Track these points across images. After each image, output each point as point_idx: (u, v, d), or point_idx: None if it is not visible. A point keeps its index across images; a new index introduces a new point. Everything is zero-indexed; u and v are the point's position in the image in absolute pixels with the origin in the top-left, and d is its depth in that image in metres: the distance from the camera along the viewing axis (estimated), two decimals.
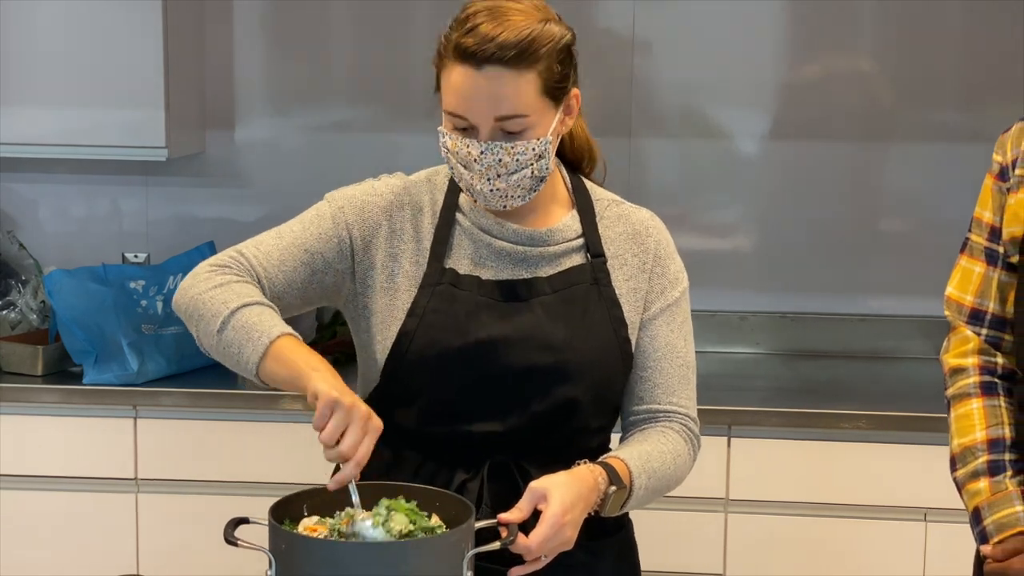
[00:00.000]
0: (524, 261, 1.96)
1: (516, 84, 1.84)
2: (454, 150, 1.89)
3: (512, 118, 1.85)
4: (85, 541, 3.14)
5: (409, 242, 1.97)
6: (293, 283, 1.95)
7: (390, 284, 1.96)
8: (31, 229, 3.69)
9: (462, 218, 1.98)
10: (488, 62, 1.82)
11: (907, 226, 3.61)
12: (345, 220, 1.99)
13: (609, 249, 1.99)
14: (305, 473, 2.98)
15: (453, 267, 1.95)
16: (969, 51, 3.54)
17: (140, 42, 3.30)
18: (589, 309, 1.95)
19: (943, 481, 2.98)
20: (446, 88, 1.88)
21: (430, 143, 3.60)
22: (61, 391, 3.15)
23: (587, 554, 1.92)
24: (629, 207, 2.05)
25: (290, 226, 2.01)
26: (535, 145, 1.88)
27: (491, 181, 1.89)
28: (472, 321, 1.91)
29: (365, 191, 2.02)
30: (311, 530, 1.79)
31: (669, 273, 2.01)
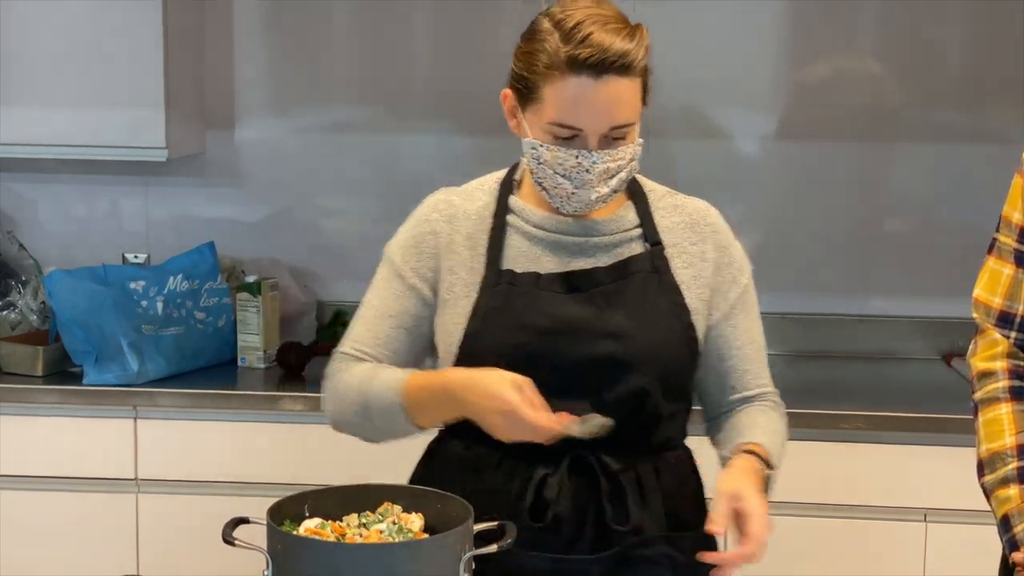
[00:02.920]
0: (582, 252, 1.98)
1: (630, 92, 1.88)
2: (554, 161, 1.90)
3: (624, 126, 1.89)
4: (85, 541, 3.14)
5: (463, 251, 2.00)
6: (398, 351, 2.02)
7: (450, 295, 1.99)
8: (31, 229, 3.69)
9: (513, 219, 2.01)
10: (607, 71, 1.84)
11: (908, 227, 3.60)
12: (409, 268, 2.03)
13: (666, 237, 2.01)
14: (305, 473, 2.98)
15: (510, 268, 1.97)
16: (973, 51, 3.54)
17: (140, 42, 3.30)
18: (650, 296, 1.97)
19: (943, 481, 3.00)
20: (553, 100, 1.87)
21: (430, 143, 3.65)
22: (61, 391, 3.15)
23: (668, 545, 1.94)
24: (683, 197, 2.08)
25: (368, 301, 2.08)
26: (631, 150, 1.92)
27: (596, 188, 1.91)
28: (534, 314, 1.93)
29: (412, 226, 2.07)
30: (312, 532, 1.79)
31: (735, 262, 2.05)
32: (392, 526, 1.79)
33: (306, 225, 3.70)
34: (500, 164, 2.11)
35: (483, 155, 3.62)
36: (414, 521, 1.83)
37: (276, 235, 3.69)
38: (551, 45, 1.87)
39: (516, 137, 2.04)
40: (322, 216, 3.70)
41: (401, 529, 1.79)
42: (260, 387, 3.22)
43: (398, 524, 1.81)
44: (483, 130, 3.61)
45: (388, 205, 3.69)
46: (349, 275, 3.70)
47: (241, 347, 3.36)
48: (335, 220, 3.70)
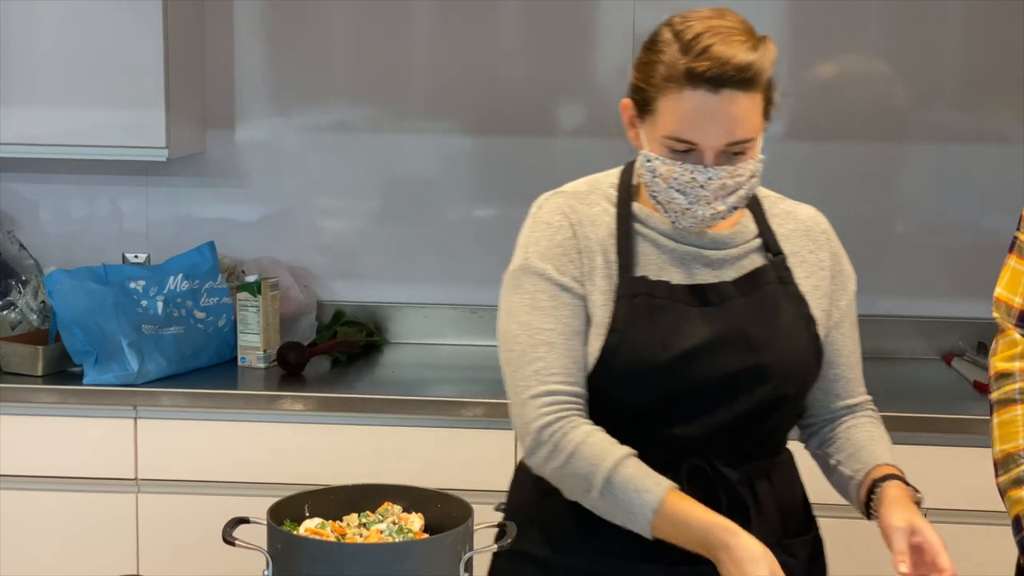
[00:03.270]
0: (709, 265, 1.94)
1: (750, 107, 1.81)
2: (669, 175, 1.84)
3: (743, 142, 1.82)
4: (85, 541, 3.14)
5: (597, 257, 1.93)
6: (587, 367, 1.91)
7: (588, 302, 1.92)
8: (31, 229, 3.69)
9: (640, 227, 1.95)
10: (726, 85, 1.78)
11: (908, 226, 3.60)
12: (569, 277, 1.92)
13: (785, 246, 1.99)
14: (305, 473, 2.98)
15: (643, 275, 1.92)
16: (975, 52, 3.54)
17: (140, 42, 3.30)
18: (780, 308, 1.94)
19: (943, 481, 2.99)
20: (670, 113, 1.81)
21: (430, 143, 3.65)
22: (61, 391, 3.15)
23: (782, 553, 1.91)
24: (792, 203, 2.05)
25: (541, 325, 1.90)
26: (752, 166, 1.86)
27: (711, 205, 1.85)
28: (674, 332, 1.88)
29: (547, 234, 1.95)
30: (312, 532, 1.79)
31: (845, 270, 2.05)
32: (392, 526, 1.79)
33: (306, 225, 3.70)
34: (499, 164, 2.10)
35: (483, 155, 3.63)
36: (414, 521, 1.83)
37: (276, 235, 3.69)
38: (669, 56, 1.82)
39: (517, 137, 2.04)
40: (322, 216, 3.70)
41: (401, 529, 1.79)
42: (260, 387, 3.22)
43: (398, 524, 1.81)
44: (483, 130, 3.62)
45: (388, 205, 3.69)
46: (349, 275, 3.71)
47: (241, 347, 3.36)
48: (335, 220, 3.70)
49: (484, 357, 3.55)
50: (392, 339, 3.67)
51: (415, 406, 3.08)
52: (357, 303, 3.69)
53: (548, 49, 3.59)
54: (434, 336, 3.66)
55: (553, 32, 3.58)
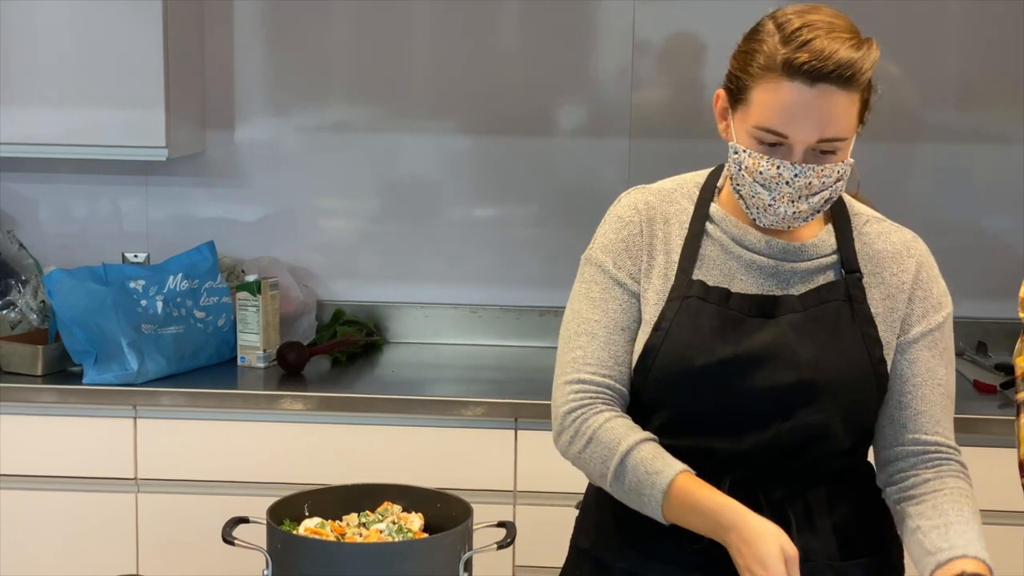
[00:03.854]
0: (775, 275, 1.89)
1: (846, 105, 1.78)
2: (755, 168, 1.81)
3: (833, 140, 1.79)
4: (85, 541, 3.14)
5: (659, 255, 1.91)
6: (630, 364, 1.90)
7: (641, 299, 1.91)
8: (31, 229, 3.69)
9: (713, 228, 1.92)
10: (823, 80, 1.75)
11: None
12: (626, 273, 1.92)
13: (866, 266, 1.92)
14: (305, 473, 2.98)
15: (701, 279, 1.89)
16: (975, 52, 3.54)
17: (140, 42, 3.30)
18: (840, 327, 1.87)
19: None
20: (762, 103, 1.79)
21: (430, 143, 3.65)
22: (61, 391, 3.15)
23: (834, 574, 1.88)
24: (890, 225, 1.98)
25: (585, 315, 1.91)
26: (840, 168, 1.83)
27: (795, 203, 1.82)
28: (717, 338, 1.85)
29: (617, 227, 1.94)
30: (312, 532, 1.79)
31: (932, 297, 1.94)
32: (392, 526, 1.79)
33: (306, 225, 3.70)
34: (499, 164, 2.09)
35: (483, 155, 3.63)
36: (414, 521, 1.83)
37: (276, 235, 3.69)
38: (769, 46, 1.79)
39: (517, 137, 2.03)
40: (322, 216, 3.70)
41: (401, 529, 1.79)
42: (260, 387, 3.22)
43: (398, 524, 1.81)
44: (483, 130, 3.62)
45: (388, 205, 3.69)
46: (349, 275, 3.71)
47: (241, 347, 3.36)
48: (335, 220, 3.70)
49: (484, 357, 3.55)
50: (392, 339, 3.67)
51: (415, 406, 3.08)
52: (357, 303, 3.69)
53: (548, 49, 3.59)
54: (434, 336, 3.66)
55: (553, 32, 3.58)
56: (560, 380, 1.90)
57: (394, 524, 1.80)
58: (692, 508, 1.78)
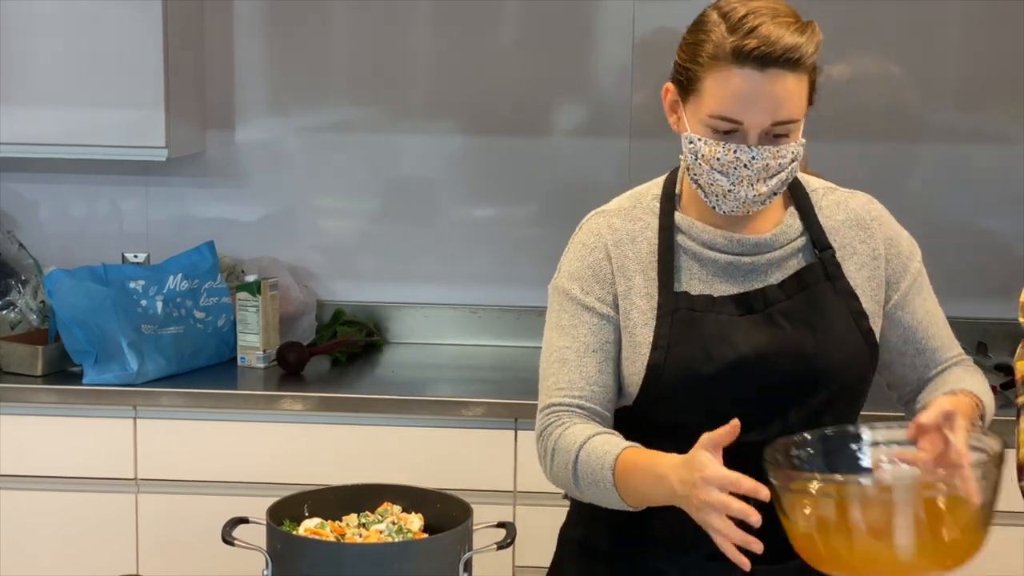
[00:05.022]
0: (753, 271, 1.93)
1: (795, 87, 1.82)
2: (712, 156, 1.84)
3: (786, 123, 1.83)
4: (85, 541, 3.14)
5: (635, 276, 1.93)
6: (608, 384, 1.92)
7: (627, 323, 1.92)
8: (31, 229, 3.69)
9: (682, 239, 1.94)
10: (772, 64, 1.79)
11: (907, 226, 3.59)
12: (594, 297, 1.93)
13: (835, 240, 1.97)
14: (305, 473, 2.98)
15: (685, 291, 1.92)
16: (975, 52, 3.54)
17: (140, 42, 3.30)
18: (828, 308, 1.92)
19: None
20: (715, 92, 1.82)
21: (430, 143, 3.65)
22: (61, 391, 3.15)
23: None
24: (844, 193, 2.03)
25: (556, 344, 1.94)
26: (793, 149, 1.86)
27: (753, 186, 1.85)
28: (719, 345, 1.87)
29: (581, 255, 1.96)
30: (312, 532, 1.79)
31: (903, 250, 2.02)
32: (392, 526, 1.79)
33: (306, 225, 3.70)
34: (499, 164, 2.10)
35: (483, 155, 3.63)
36: (414, 521, 1.83)
37: (276, 235, 3.69)
38: (717, 35, 1.83)
39: (517, 137, 2.04)
40: (322, 216, 3.70)
41: (401, 529, 1.79)
42: (260, 387, 3.22)
43: (398, 524, 1.81)
44: (483, 130, 3.61)
45: (388, 205, 3.69)
46: (349, 275, 3.71)
47: (241, 347, 3.36)
48: (335, 220, 3.70)
49: (484, 357, 3.55)
50: (392, 339, 3.67)
51: (415, 406, 3.08)
52: (357, 303, 3.69)
53: (548, 49, 3.59)
54: (434, 336, 3.66)
55: (553, 32, 3.58)
56: (538, 408, 1.93)
57: (394, 524, 1.80)
58: (636, 474, 1.79)
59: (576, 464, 1.84)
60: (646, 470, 1.77)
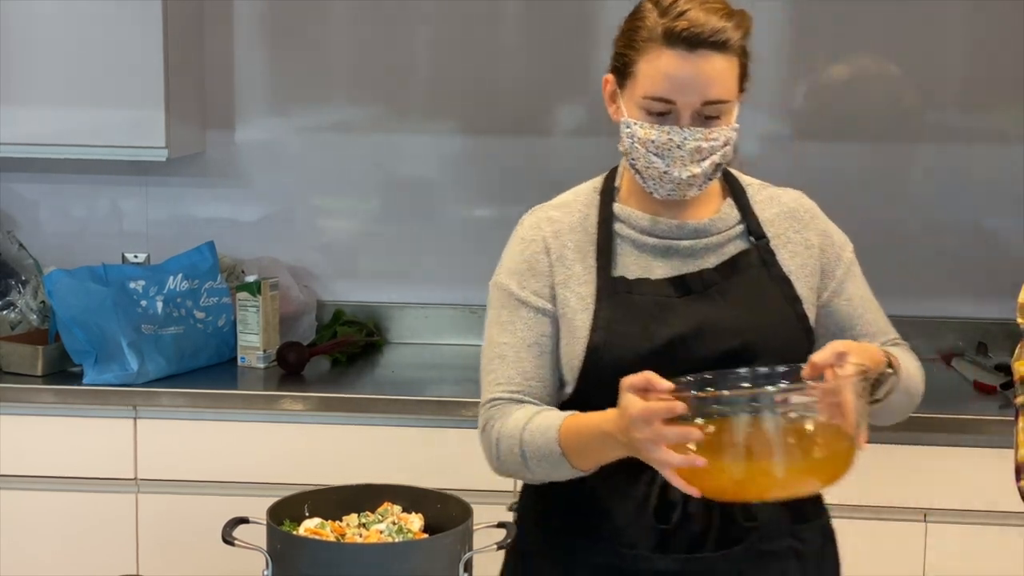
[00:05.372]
0: (691, 255, 1.99)
1: (725, 69, 1.90)
2: (647, 138, 1.91)
3: (717, 103, 1.90)
4: (85, 541, 3.14)
5: (574, 265, 1.99)
6: (546, 378, 1.98)
7: (566, 309, 1.97)
8: (31, 229, 3.69)
9: (620, 227, 2.01)
10: (701, 45, 1.87)
11: (908, 226, 3.60)
12: (530, 292, 1.99)
13: (769, 230, 2.03)
14: (305, 473, 2.98)
15: (622, 275, 1.97)
16: (975, 52, 3.54)
17: (140, 42, 3.30)
18: (763, 291, 1.99)
19: (943, 481, 3.00)
20: (648, 73, 1.90)
21: (430, 143, 3.65)
22: (61, 391, 3.15)
23: (792, 537, 1.97)
24: (776, 189, 2.10)
25: (497, 340, 2.00)
26: (726, 133, 1.93)
27: (688, 167, 1.91)
28: (657, 323, 1.93)
29: (520, 250, 2.03)
30: (312, 532, 1.79)
31: (836, 241, 2.09)
32: (392, 526, 1.79)
33: (306, 225, 3.70)
34: (499, 164, 2.11)
35: (483, 155, 3.63)
36: (414, 521, 1.83)
37: (276, 235, 3.69)
38: (650, 21, 1.91)
39: (517, 137, 2.04)
40: (322, 216, 3.70)
41: (401, 529, 1.79)
42: (260, 387, 3.22)
43: (398, 524, 1.81)
44: (483, 130, 3.61)
45: (388, 205, 3.69)
46: (349, 275, 3.71)
47: (241, 347, 3.36)
48: (335, 220, 3.70)
49: None
50: (392, 339, 3.67)
51: (415, 406, 3.08)
52: (357, 303, 3.68)
53: (548, 49, 3.59)
54: (434, 336, 3.66)
55: (553, 32, 3.58)
56: (479, 406, 2.00)
57: (394, 524, 1.80)
58: (581, 438, 1.85)
59: (523, 445, 1.90)
60: (589, 431, 1.84)
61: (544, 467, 1.90)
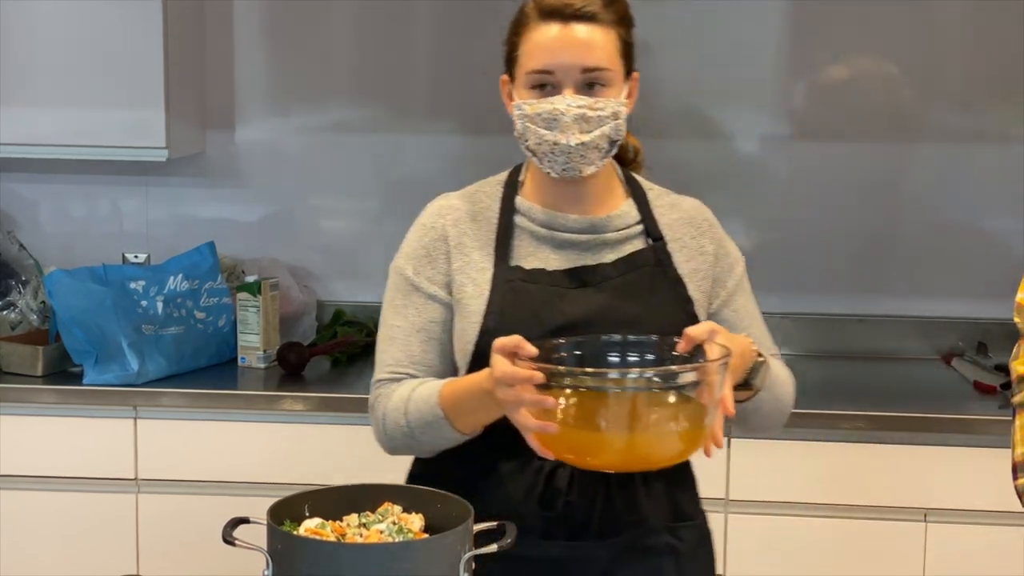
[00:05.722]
0: (588, 250, 2.04)
1: (601, 39, 1.96)
2: (535, 113, 1.96)
3: (597, 70, 1.96)
4: (85, 541, 3.14)
5: (472, 252, 2.05)
6: (433, 363, 2.05)
7: (462, 295, 2.02)
8: (31, 229, 3.69)
9: (520, 219, 2.06)
10: (573, 18, 1.95)
11: (908, 227, 3.60)
12: (424, 278, 2.06)
13: (667, 233, 2.08)
14: (305, 473, 2.98)
15: (519, 264, 2.03)
16: (975, 52, 3.54)
17: (140, 42, 3.30)
18: (656, 288, 2.03)
19: (943, 481, 3.00)
20: (530, 51, 1.97)
21: (430, 143, 3.65)
22: (61, 391, 3.15)
23: (670, 535, 2.01)
24: (678, 196, 2.15)
25: (390, 323, 2.07)
26: (613, 104, 1.97)
27: (576, 135, 1.96)
28: (548, 310, 1.98)
29: (419, 235, 2.09)
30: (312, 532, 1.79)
31: (731, 254, 2.13)
32: (392, 526, 1.79)
33: (306, 225, 3.70)
34: (500, 164, 2.12)
35: (483, 155, 3.62)
36: (414, 521, 1.83)
37: (276, 235, 3.69)
38: (528, 7, 1.99)
39: (516, 137, 2.05)
40: (322, 216, 3.70)
41: (401, 529, 1.79)
42: (260, 387, 3.22)
43: (398, 524, 1.81)
44: (483, 130, 3.61)
45: (388, 205, 3.69)
46: (349, 275, 3.71)
47: (241, 347, 3.36)
48: (335, 220, 3.70)
49: None
50: None
51: None
52: (357, 303, 3.69)
53: None
54: None
55: None
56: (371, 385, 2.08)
57: (394, 524, 1.80)
58: (460, 401, 1.92)
59: (407, 416, 1.97)
60: (468, 390, 1.90)
61: (429, 434, 1.97)
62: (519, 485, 1.98)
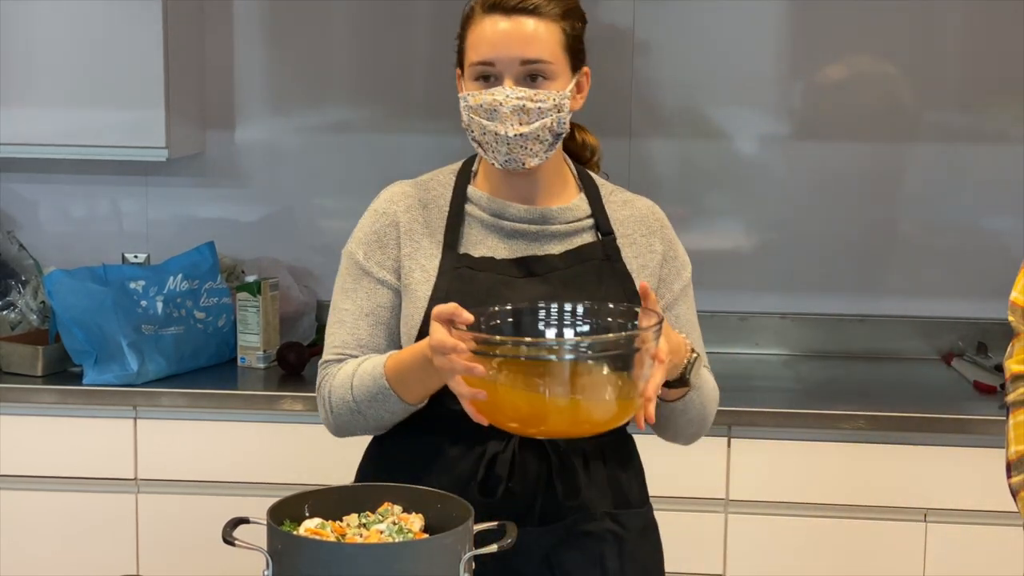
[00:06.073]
0: (537, 240, 2.06)
1: (543, 33, 1.98)
2: (477, 104, 1.99)
3: (537, 62, 1.97)
4: (85, 541, 3.14)
5: (422, 239, 2.07)
6: (380, 347, 2.07)
7: (410, 281, 2.05)
8: (31, 229, 3.69)
9: (471, 208, 2.09)
10: (515, 11, 1.97)
11: (907, 227, 3.61)
12: (375, 263, 2.08)
13: (617, 229, 2.09)
14: (305, 473, 2.98)
15: (468, 252, 2.05)
16: (975, 52, 3.54)
17: (140, 42, 3.30)
18: (602, 282, 2.04)
19: (943, 481, 3.00)
20: (473, 44, 1.99)
21: (430, 143, 3.65)
22: (61, 391, 3.15)
23: (615, 523, 2.02)
24: (631, 195, 2.17)
25: (339, 306, 2.10)
26: (555, 96, 1.98)
27: (515, 126, 1.98)
28: (494, 297, 1.99)
29: (371, 221, 2.12)
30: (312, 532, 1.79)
31: (680, 257, 2.14)
32: (392, 526, 1.79)
33: (306, 225, 3.70)
34: None
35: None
36: (414, 521, 1.83)
37: (276, 235, 3.69)
38: (474, 4, 2.02)
39: None
40: (322, 216, 3.70)
41: (401, 529, 1.79)
42: (260, 387, 3.22)
43: (398, 524, 1.81)
44: None
45: None
46: None
47: (241, 347, 3.36)
48: (335, 220, 3.70)
49: None
50: None
51: None
52: None
53: None
54: None
55: None
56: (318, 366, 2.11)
57: (394, 525, 1.80)
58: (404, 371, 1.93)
59: (352, 391, 2.00)
60: (411, 359, 1.92)
61: (375, 408, 1.99)
62: (462, 471, 1.99)
